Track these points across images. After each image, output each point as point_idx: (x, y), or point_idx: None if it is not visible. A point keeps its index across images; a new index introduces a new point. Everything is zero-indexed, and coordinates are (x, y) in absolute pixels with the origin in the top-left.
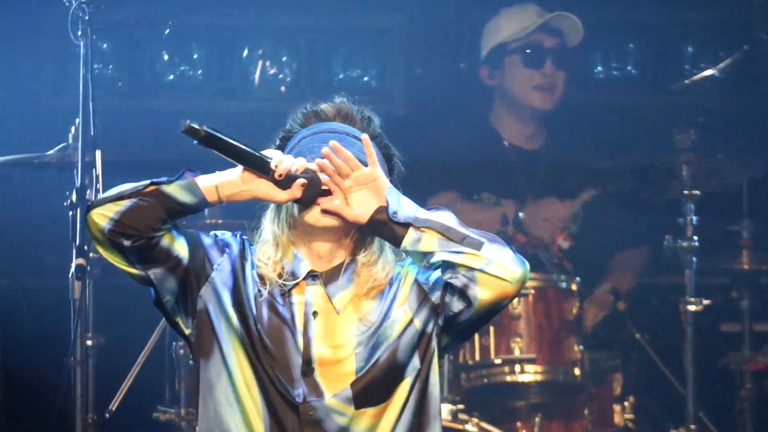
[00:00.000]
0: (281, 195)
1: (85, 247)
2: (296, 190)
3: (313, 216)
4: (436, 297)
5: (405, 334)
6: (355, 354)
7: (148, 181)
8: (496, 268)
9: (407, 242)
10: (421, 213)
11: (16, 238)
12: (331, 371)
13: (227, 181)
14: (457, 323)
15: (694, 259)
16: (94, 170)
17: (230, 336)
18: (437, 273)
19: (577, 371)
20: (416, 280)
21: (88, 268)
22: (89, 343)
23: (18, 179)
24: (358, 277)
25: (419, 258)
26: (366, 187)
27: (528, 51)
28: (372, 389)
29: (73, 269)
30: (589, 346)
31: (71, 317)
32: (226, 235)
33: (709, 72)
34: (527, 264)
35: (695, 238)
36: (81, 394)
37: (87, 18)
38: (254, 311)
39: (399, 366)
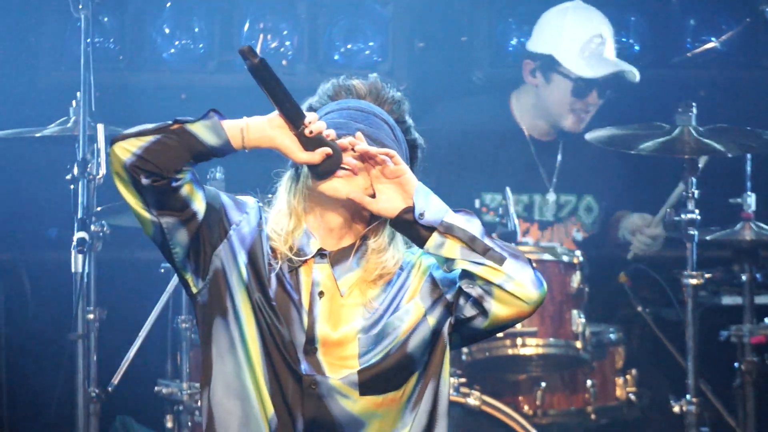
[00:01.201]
0: (301, 154)
1: (87, 221)
2: (317, 156)
3: (328, 185)
4: (451, 296)
5: (417, 330)
6: (357, 339)
7: (171, 120)
8: (515, 286)
9: (430, 245)
10: (449, 217)
11: (18, 211)
12: (333, 353)
13: (253, 125)
14: (466, 328)
15: (696, 232)
16: (95, 144)
17: (242, 296)
18: (455, 271)
19: (578, 344)
20: (431, 274)
21: (90, 242)
22: (91, 317)
23: (19, 153)
24: (367, 263)
25: (441, 261)
26: (392, 182)
27: (579, 81)
28: (380, 379)
29: (74, 243)
30: (590, 319)
31: (73, 291)
32: (245, 198)
33: (711, 45)
34: (545, 285)
35: (696, 211)
36: (83, 368)
37: None
38: (266, 281)
39: (410, 361)
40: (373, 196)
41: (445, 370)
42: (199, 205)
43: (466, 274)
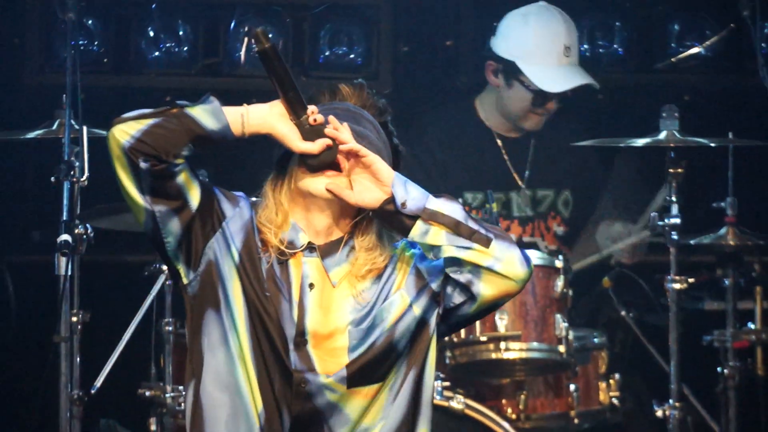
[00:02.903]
0: (300, 143)
1: (71, 223)
2: (317, 146)
3: (317, 186)
4: (436, 285)
5: (402, 320)
6: (348, 331)
7: (169, 105)
8: (504, 267)
9: (415, 233)
10: (430, 203)
11: (1, 213)
12: (323, 345)
13: (254, 111)
14: (455, 315)
15: (679, 237)
16: (80, 146)
17: (235, 288)
18: (439, 261)
19: (562, 349)
20: (415, 265)
21: (74, 244)
22: (74, 319)
23: (4, 156)
24: (356, 259)
25: (427, 249)
26: (366, 172)
27: (539, 92)
28: (366, 370)
29: (58, 245)
30: (574, 323)
31: (57, 293)
32: (236, 192)
33: (695, 50)
34: (532, 263)
35: (679, 215)
36: (66, 371)
37: None
38: (260, 273)
39: (395, 350)
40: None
41: (429, 360)
42: (193, 195)
43: (452, 261)
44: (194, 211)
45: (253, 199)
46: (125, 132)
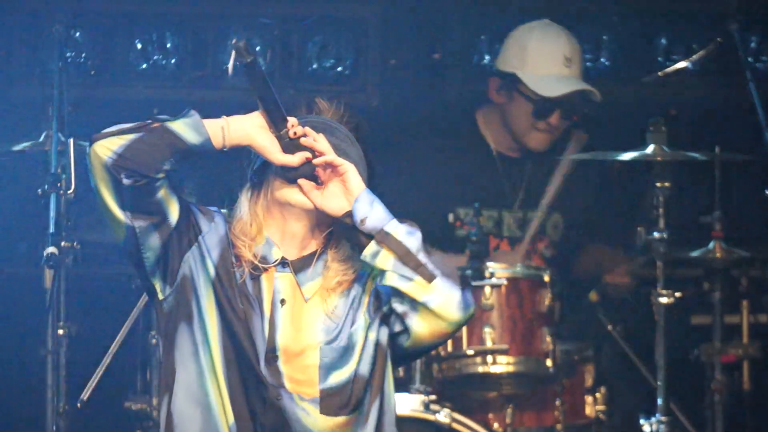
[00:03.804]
0: (280, 156)
1: (58, 236)
2: (297, 158)
3: (294, 196)
4: (387, 308)
5: (366, 347)
6: (319, 349)
7: (150, 119)
8: (438, 306)
9: (366, 253)
10: (389, 226)
11: None
12: (294, 361)
13: (234, 123)
14: (394, 344)
15: (666, 250)
16: (67, 158)
17: (208, 302)
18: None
19: (548, 362)
20: (375, 286)
21: (60, 257)
22: (61, 332)
23: None
24: (328, 271)
25: (377, 272)
26: (339, 181)
27: (539, 102)
28: (339, 402)
29: (44, 258)
30: (560, 337)
31: (43, 306)
32: (211, 208)
33: (682, 64)
34: (471, 309)
35: (666, 229)
36: (52, 384)
37: (60, 5)
38: (234, 288)
39: (364, 380)
40: None
41: (388, 384)
42: (173, 210)
43: (395, 290)
44: (173, 226)
45: (224, 210)
46: (107, 148)
